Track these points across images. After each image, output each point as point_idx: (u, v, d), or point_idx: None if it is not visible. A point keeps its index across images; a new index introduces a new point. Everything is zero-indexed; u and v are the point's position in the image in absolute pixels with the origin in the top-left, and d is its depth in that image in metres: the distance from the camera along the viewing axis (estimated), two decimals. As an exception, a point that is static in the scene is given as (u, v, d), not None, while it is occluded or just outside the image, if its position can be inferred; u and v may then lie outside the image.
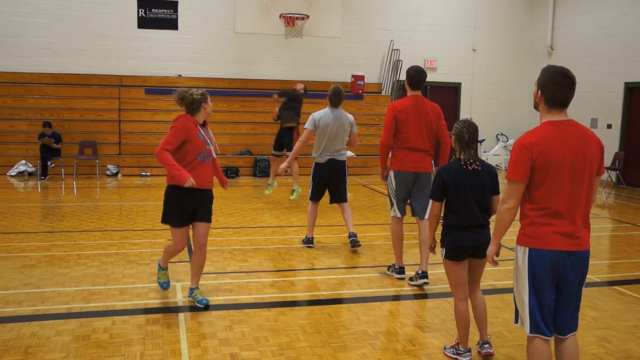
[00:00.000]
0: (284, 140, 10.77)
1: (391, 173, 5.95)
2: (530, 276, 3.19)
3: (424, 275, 5.76)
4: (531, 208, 3.21)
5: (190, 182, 4.72)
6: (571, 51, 15.59)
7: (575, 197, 3.18)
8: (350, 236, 7.12)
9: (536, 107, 3.34)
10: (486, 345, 4.23)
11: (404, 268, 6.08)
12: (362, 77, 15.72)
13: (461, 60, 16.92)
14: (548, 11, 16.36)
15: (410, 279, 5.94)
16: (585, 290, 5.75)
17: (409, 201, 5.99)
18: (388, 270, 6.25)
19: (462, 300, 4.10)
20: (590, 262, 3.36)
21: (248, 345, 4.32)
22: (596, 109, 14.67)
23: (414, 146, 5.81)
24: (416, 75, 5.84)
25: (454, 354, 4.17)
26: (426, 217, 5.84)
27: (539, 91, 3.25)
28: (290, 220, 8.92)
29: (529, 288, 3.20)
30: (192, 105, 5.05)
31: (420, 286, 5.77)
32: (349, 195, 7.54)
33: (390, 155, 5.98)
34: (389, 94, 16.32)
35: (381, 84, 16.68)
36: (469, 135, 4.02)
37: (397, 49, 16.01)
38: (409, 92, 5.91)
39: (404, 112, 5.76)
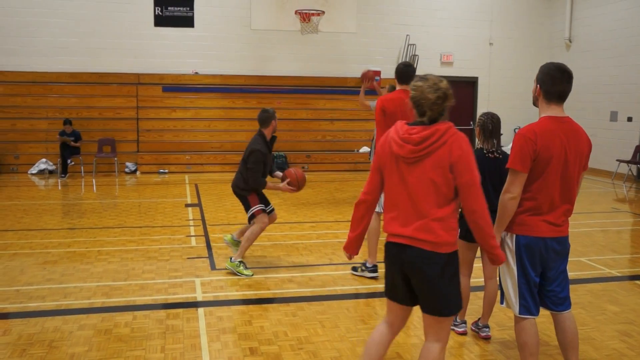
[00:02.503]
0: None
1: None
2: (518, 262, 3.39)
3: (374, 269, 5.79)
4: (525, 198, 3.37)
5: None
6: (590, 44, 15.40)
7: (565, 190, 3.36)
8: None
9: (535, 102, 3.50)
10: (486, 329, 4.48)
11: (377, 266, 5.89)
12: (378, 73, 15.67)
13: (478, 54, 16.79)
14: (566, 3, 16.15)
15: (354, 268, 6.00)
16: (605, 285, 5.77)
17: None
18: (355, 270, 5.98)
19: (464, 275, 4.30)
20: (610, 257, 3.41)
21: (267, 340, 4.35)
22: (616, 102, 14.48)
23: None
24: (404, 69, 5.82)
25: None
26: None
27: (538, 86, 3.40)
28: (308, 216, 8.94)
29: (517, 272, 3.41)
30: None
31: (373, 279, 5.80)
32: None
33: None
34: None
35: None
36: (493, 125, 4.31)
37: (413, 44, 15.93)
38: (398, 87, 5.87)
39: (391, 105, 5.65)
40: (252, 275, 5.87)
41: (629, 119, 14.17)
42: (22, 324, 4.58)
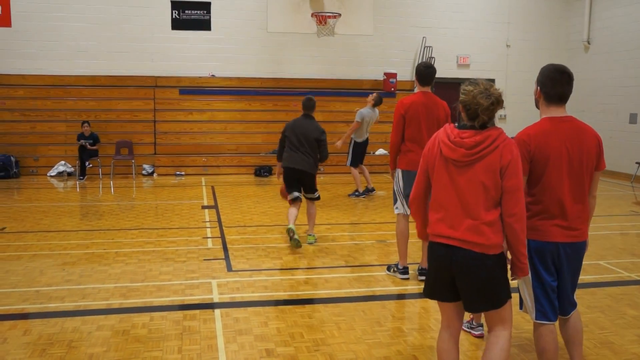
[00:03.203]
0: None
1: (399, 172, 5.79)
2: (531, 266, 3.36)
3: (425, 272, 5.75)
4: (530, 202, 3.37)
5: None
6: (609, 45, 15.24)
7: (574, 191, 3.35)
8: None
9: (537, 104, 3.52)
10: (480, 328, 4.52)
11: (407, 268, 5.91)
12: (394, 75, 15.65)
13: (495, 56, 16.68)
14: (585, 4, 16.00)
15: (388, 268, 6.08)
16: (624, 289, 5.71)
17: None
18: (389, 270, 6.09)
19: None
20: (629, 260, 3.41)
21: (283, 341, 4.36)
22: (635, 104, 14.30)
23: (423, 144, 5.66)
24: (425, 71, 5.74)
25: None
26: None
27: (538, 88, 3.44)
28: (324, 218, 8.94)
29: (531, 276, 3.39)
30: None
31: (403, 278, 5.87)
32: (383, 192, 7.52)
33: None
34: (422, 91, 16.18)
35: (414, 81, 16.57)
36: None
37: (430, 46, 15.88)
38: (418, 89, 5.80)
39: (412, 109, 5.62)
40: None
41: (649, 121, 14.00)
42: (42, 324, 4.63)
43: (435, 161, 3.13)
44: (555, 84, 3.36)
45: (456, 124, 3.15)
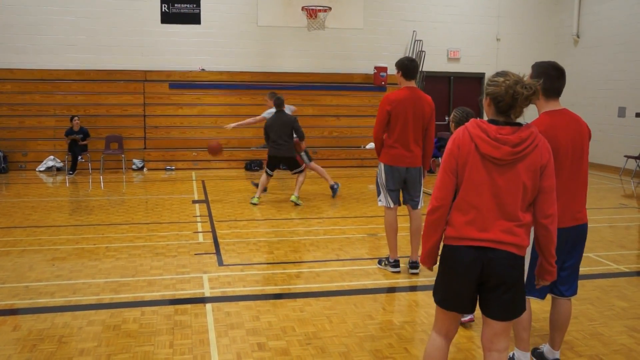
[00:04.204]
0: None
1: (382, 165, 5.80)
2: (533, 252, 3.40)
3: (414, 265, 5.80)
4: None
5: None
6: (599, 39, 15.31)
7: (575, 179, 3.54)
8: None
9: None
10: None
11: (398, 261, 5.93)
12: (385, 69, 15.65)
13: (485, 50, 16.73)
14: (574, -1, 16.09)
15: (379, 261, 6.10)
16: (613, 281, 5.76)
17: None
18: (380, 263, 6.12)
19: None
20: (618, 252, 3.48)
21: (275, 335, 4.37)
22: (624, 98, 14.40)
23: (408, 140, 5.66)
24: (410, 65, 5.70)
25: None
26: (418, 207, 5.84)
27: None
28: (315, 212, 8.95)
29: (531, 259, 3.47)
30: None
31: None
32: (371, 187, 7.54)
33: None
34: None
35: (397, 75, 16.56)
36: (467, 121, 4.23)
37: (420, 40, 15.89)
38: (403, 84, 5.75)
39: (399, 105, 5.60)
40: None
41: (637, 115, 14.08)
42: (32, 320, 4.61)
43: (467, 159, 2.84)
44: (553, 80, 3.51)
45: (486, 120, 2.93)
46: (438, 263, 3.09)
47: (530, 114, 3.35)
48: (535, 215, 2.89)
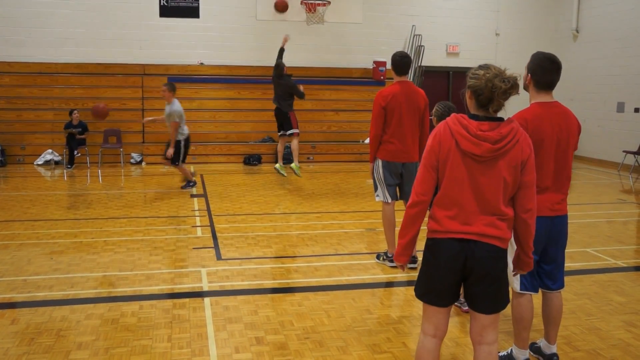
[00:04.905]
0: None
1: (379, 161, 5.82)
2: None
3: (412, 260, 5.80)
4: None
5: None
6: (598, 34, 15.29)
7: (559, 170, 3.57)
8: None
9: (525, 88, 3.65)
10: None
11: None
12: (383, 64, 15.62)
13: (484, 45, 16.69)
14: (573, -7, 16.05)
15: (377, 256, 6.12)
16: (611, 276, 5.77)
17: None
18: (378, 258, 6.13)
19: None
20: (616, 247, 3.49)
21: (273, 329, 4.37)
22: (623, 93, 14.39)
23: (404, 135, 5.68)
24: (402, 60, 5.71)
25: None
26: None
27: (529, 74, 3.61)
28: (313, 207, 8.95)
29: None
30: None
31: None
32: (370, 181, 7.54)
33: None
34: (411, 79, 16.20)
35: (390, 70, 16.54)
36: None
37: (419, 35, 15.86)
38: (396, 79, 5.76)
39: (393, 100, 5.60)
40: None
41: (636, 110, 14.09)
42: (30, 313, 4.61)
43: (448, 155, 2.83)
44: (545, 72, 3.53)
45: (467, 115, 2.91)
46: (421, 259, 3.10)
47: (519, 105, 3.36)
48: (515, 209, 2.90)
